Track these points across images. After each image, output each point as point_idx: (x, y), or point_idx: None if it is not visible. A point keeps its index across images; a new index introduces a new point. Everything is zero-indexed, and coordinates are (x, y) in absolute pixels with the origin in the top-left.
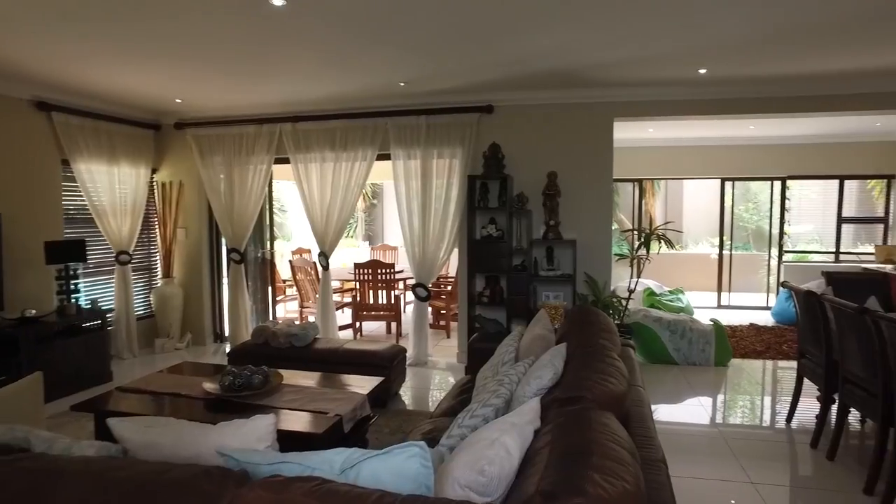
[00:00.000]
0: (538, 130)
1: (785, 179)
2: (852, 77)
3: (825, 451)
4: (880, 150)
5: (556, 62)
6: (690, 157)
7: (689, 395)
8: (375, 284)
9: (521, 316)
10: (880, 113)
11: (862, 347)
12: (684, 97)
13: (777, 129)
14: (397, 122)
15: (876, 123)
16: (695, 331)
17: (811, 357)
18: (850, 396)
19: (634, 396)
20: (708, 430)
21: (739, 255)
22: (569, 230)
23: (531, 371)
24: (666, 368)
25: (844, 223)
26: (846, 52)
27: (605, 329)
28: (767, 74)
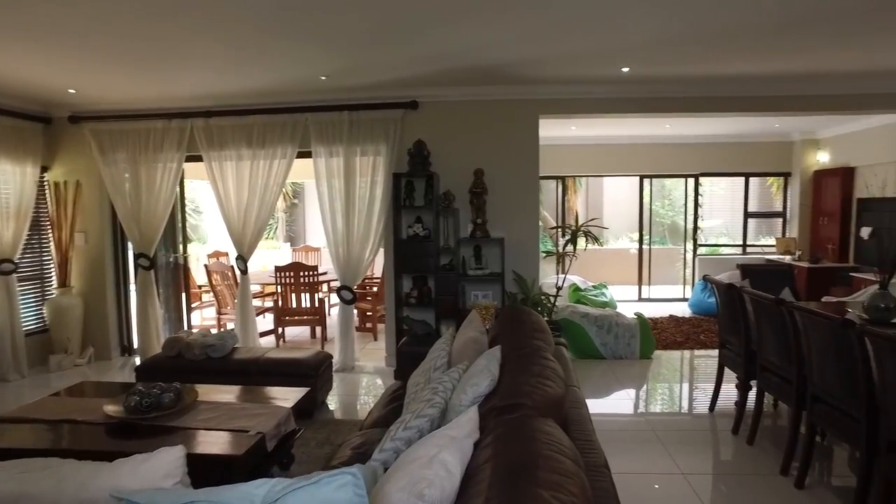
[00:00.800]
0: (464, 127)
1: (698, 176)
2: (756, 80)
3: (745, 437)
4: (779, 150)
5: (480, 57)
6: (611, 155)
7: (617, 388)
8: (298, 288)
9: (450, 316)
10: (779, 115)
11: (778, 337)
12: (608, 95)
13: (691, 128)
14: (318, 118)
15: (775, 125)
16: (621, 325)
17: (731, 347)
18: (767, 383)
19: (572, 397)
20: (637, 421)
21: (657, 249)
22: (496, 228)
23: (466, 377)
24: (594, 363)
25: (750, 217)
26: (751, 57)
27: (537, 328)
28: (686, 75)
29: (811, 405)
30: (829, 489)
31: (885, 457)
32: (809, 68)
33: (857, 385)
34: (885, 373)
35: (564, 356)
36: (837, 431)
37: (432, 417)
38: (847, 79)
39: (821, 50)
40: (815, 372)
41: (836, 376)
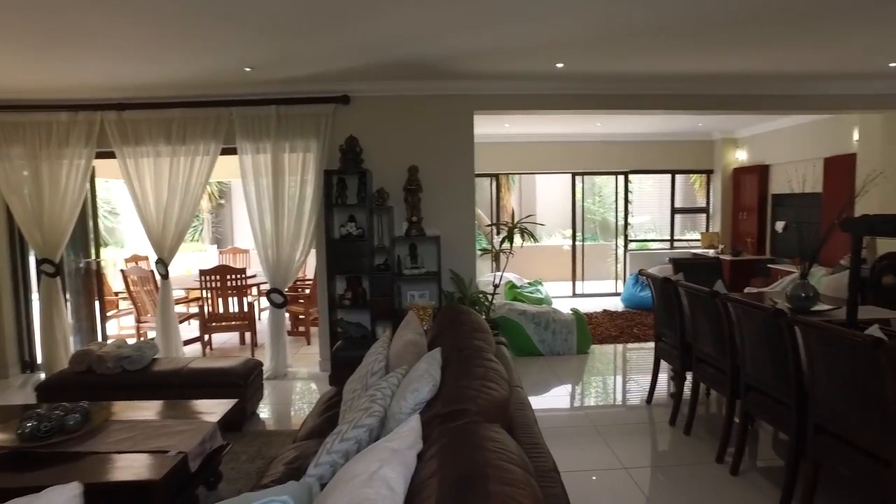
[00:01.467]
0: (398, 123)
1: (627, 174)
2: (684, 79)
3: (682, 427)
4: (701, 149)
5: (411, 50)
6: (544, 153)
7: (557, 384)
8: (225, 292)
9: (386, 318)
10: (704, 113)
11: (712, 328)
12: (543, 92)
13: (621, 127)
14: (244, 113)
15: (699, 124)
16: (557, 321)
17: (666, 339)
18: (703, 374)
19: (517, 398)
20: (577, 416)
21: (589, 245)
22: (432, 226)
23: (406, 383)
24: (532, 360)
25: (676, 213)
26: (680, 56)
27: (477, 328)
28: (619, 72)
29: (745, 394)
30: (759, 473)
31: (814, 440)
32: (734, 69)
33: (788, 372)
34: (813, 360)
35: (506, 356)
36: (769, 418)
37: (371, 427)
38: (767, 80)
39: (745, 51)
40: (748, 361)
41: (768, 365)
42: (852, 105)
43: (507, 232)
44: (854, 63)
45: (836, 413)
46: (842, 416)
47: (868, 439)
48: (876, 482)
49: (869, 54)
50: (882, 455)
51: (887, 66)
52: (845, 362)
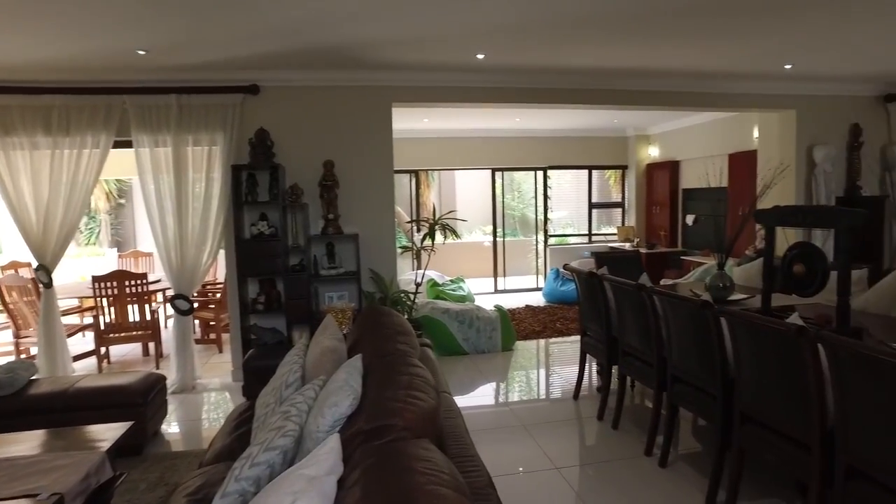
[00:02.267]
0: (312, 115)
1: (546, 169)
2: (603, 74)
3: (610, 421)
4: (616, 145)
5: (327, 37)
6: (464, 149)
7: (483, 383)
8: (123, 299)
9: (303, 322)
10: (620, 109)
11: (638, 321)
12: (463, 84)
13: (539, 122)
14: (140, 102)
15: (614, 120)
16: (481, 319)
17: (592, 334)
18: (630, 367)
19: (445, 406)
20: (505, 414)
21: (510, 240)
22: (350, 224)
23: (324, 396)
24: (457, 359)
25: (594, 208)
26: (599, 50)
27: (401, 331)
28: (539, 65)
29: (671, 385)
30: (686, 463)
31: (740, 428)
32: (650, 65)
33: (714, 363)
34: (739, 349)
35: (431, 358)
36: (696, 408)
37: (285, 449)
38: (681, 77)
39: (661, 47)
40: (674, 353)
41: (695, 356)
42: (754, 104)
43: (428, 229)
44: (756, 64)
45: (761, 401)
46: (766, 404)
47: (791, 426)
48: (798, 467)
49: (768, 56)
50: (804, 440)
51: (783, 68)
52: (770, 351)
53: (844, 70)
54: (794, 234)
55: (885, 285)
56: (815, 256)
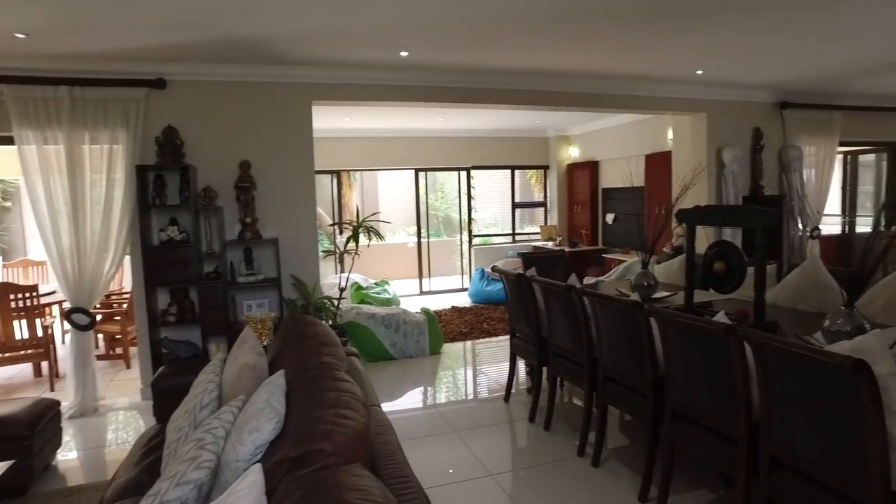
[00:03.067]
0: (226, 113)
1: (469, 170)
2: (525, 75)
3: (542, 423)
4: (538, 145)
5: (241, 29)
6: (386, 149)
7: (412, 388)
8: (7, 314)
9: (220, 333)
10: (541, 109)
11: (568, 322)
12: (387, 82)
13: (462, 122)
14: (21, 93)
15: (535, 121)
16: (408, 322)
17: (522, 336)
18: (560, 368)
19: (376, 422)
20: (435, 420)
21: (435, 241)
22: (269, 228)
23: (243, 420)
24: (384, 365)
25: (517, 208)
26: (521, 51)
27: (326, 341)
28: (463, 64)
29: (603, 385)
30: (619, 461)
31: (670, 425)
32: (572, 67)
33: (644, 362)
34: (669, 348)
35: (359, 369)
36: (628, 407)
37: (200, 483)
38: (601, 80)
39: (583, 49)
40: (605, 353)
41: (625, 355)
42: (668, 107)
43: (352, 231)
44: (670, 69)
45: (690, 398)
46: (695, 401)
47: (719, 421)
48: (726, 460)
49: (681, 62)
50: (731, 434)
51: (695, 73)
52: (699, 350)
53: (748, 78)
54: (705, 232)
55: (791, 280)
56: (734, 254)
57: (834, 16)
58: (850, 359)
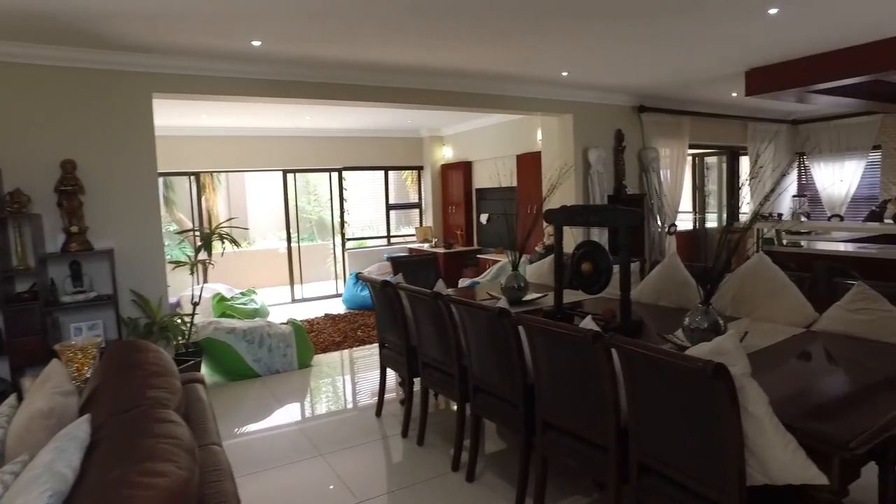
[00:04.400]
0: (43, 104)
1: (341, 171)
2: (391, 71)
3: (415, 438)
4: (411, 145)
5: (56, 3)
6: (251, 148)
7: (277, 407)
8: None
9: (37, 364)
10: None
11: (437, 331)
12: (239, 75)
13: (332, 121)
14: None
15: (407, 121)
16: (273, 336)
17: (391, 346)
18: (430, 379)
19: (211, 465)
20: (301, 443)
21: (307, 246)
22: (102, 237)
23: (10, 495)
24: (248, 384)
25: (391, 209)
26: (386, 45)
27: (157, 371)
28: (323, 58)
29: (474, 397)
30: (494, 474)
31: (542, 436)
32: (440, 64)
33: (514, 371)
34: (538, 357)
35: (201, 399)
36: (499, 419)
37: None
38: (470, 78)
39: (440, 46)
40: (474, 363)
41: (495, 365)
42: (537, 108)
43: (202, 239)
44: (537, 69)
45: (561, 407)
46: (565, 410)
47: (588, 430)
48: (598, 468)
49: (548, 63)
50: (601, 443)
51: (560, 74)
52: (567, 358)
53: (609, 81)
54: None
55: (653, 278)
56: (600, 255)
57: (684, 28)
58: (711, 363)
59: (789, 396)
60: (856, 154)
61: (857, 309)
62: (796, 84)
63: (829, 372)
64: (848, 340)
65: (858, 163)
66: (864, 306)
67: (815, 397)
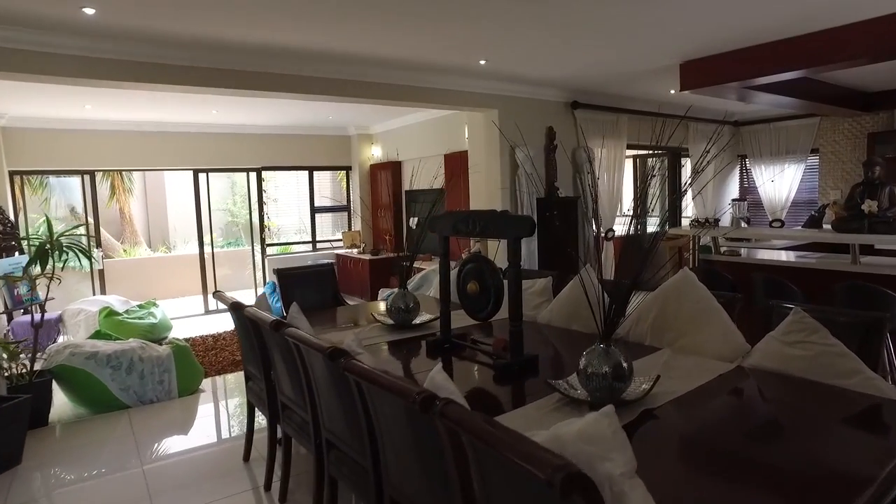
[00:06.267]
0: None
1: (260, 170)
2: (284, 56)
3: (277, 492)
4: (339, 144)
5: None
6: (155, 145)
7: (126, 451)
8: None
9: None
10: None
11: (288, 367)
12: (80, 52)
13: (245, 117)
14: None
15: (329, 117)
16: (147, 360)
17: (256, 381)
18: (290, 424)
19: None
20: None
21: (229, 251)
22: None
23: None
24: (113, 417)
25: (318, 213)
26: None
27: None
28: (182, 34)
29: (328, 452)
30: None
31: None
32: (342, 48)
33: (358, 426)
34: (377, 413)
35: None
36: (352, 484)
37: None
38: (379, 66)
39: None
40: (324, 412)
41: (342, 417)
42: (459, 101)
43: (34, 253)
44: (450, 56)
45: (407, 484)
46: (412, 488)
47: None
48: None
49: (463, 48)
50: None
51: (478, 63)
52: (404, 421)
53: (534, 73)
54: None
55: (564, 297)
56: (487, 272)
57: (605, 14)
58: (560, 472)
59: (705, 475)
60: (795, 157)
61: (793, 342)
62: (733, 78)
63: (761, 432)
64: (783, 381)
65: (798, 166)
66: (801, 339)
67: (739, 475)
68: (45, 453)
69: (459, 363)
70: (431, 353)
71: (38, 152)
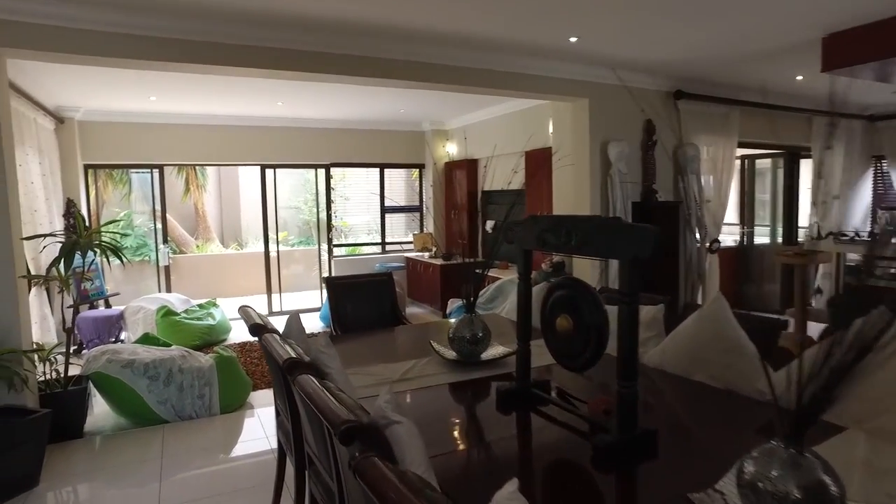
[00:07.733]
0: None
1: (329, 167)
2: (346, 33)
3: None
4: (413, 140)
5: None
6: (223, 140)
7: (152, 478)
8: None
9: None
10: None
11: (310, 415)
12: (122, 30)
13: (312, 110)
14: None
15: (400, 110)
16: (187, 371)
17: (284, 419)
18: (317, 485)
19: None
20: None
21: (298, 250)
22: None
23: None
24: (150, 434)
25: (388, 213)
26: None
27: None
28: (245, 8)
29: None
30: None
31: None
32: (406, 23)
33: None
34: None
35: None
36: None
37: None
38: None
39: None
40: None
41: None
42: (545, 88)
43: (60, 252)
44: (535, 30)
45: None
46: None
47: None
48: None
49: (549, 19)
50: None
51: (568, 40)
52: None
53: (635, 55)
54: None
55: (684, 335)
56: (586, 304)
57: None
58: None
59: None
60: None
61: None
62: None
63: None
64: None
65: None
66: None
67: None
68: (66, 473)
69: (541, 425)
70: (503, 405)
71: (110, 146)
